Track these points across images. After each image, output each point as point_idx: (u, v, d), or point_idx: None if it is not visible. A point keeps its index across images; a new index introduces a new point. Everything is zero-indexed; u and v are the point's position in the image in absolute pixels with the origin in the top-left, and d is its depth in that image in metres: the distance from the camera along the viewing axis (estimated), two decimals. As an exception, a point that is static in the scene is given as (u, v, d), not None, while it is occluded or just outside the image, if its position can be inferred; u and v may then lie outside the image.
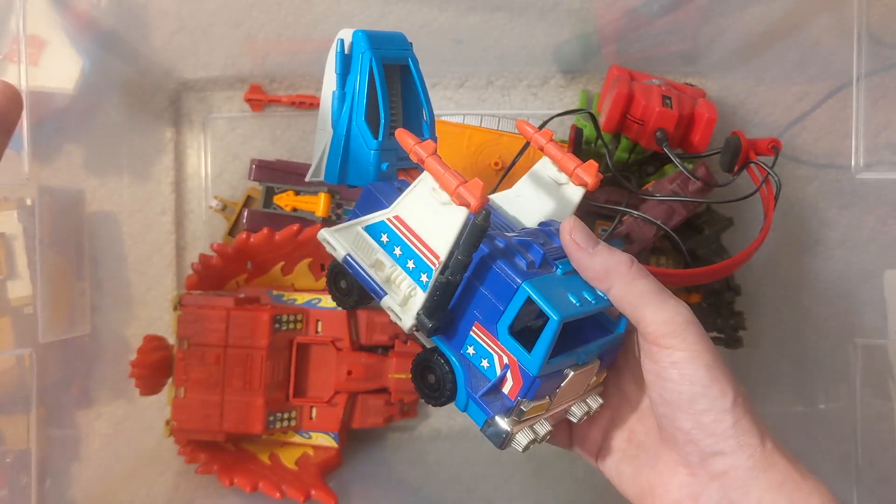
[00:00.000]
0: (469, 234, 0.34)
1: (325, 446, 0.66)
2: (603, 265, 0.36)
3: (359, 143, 0.42)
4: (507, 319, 0.35)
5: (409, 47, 0.44)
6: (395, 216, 0.38)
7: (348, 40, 0.42)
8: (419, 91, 0.44)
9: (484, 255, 0.36)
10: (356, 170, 0.43)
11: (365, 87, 0.41)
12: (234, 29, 0.65)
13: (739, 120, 0.69)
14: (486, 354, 0.36)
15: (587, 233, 0.38)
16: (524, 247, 0.37)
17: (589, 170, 0.41)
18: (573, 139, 0.62)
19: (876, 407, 0.56)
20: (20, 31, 0.51)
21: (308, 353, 0.66)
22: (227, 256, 0.64)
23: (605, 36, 0.67)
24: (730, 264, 0.55)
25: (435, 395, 0.38)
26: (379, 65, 0.41)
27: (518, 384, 0.35)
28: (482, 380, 0.37)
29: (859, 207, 0.61)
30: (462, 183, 0.34)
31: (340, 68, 0.42)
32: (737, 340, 0.67)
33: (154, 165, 0.74)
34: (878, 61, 0.52)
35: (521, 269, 0.36)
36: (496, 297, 0.36)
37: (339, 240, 0.40)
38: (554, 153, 0.42)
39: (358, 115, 0.42)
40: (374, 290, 0.39)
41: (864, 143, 0.52)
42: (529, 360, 0.35)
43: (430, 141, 0.36)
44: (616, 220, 0.62)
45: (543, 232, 0.40)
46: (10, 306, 0.55)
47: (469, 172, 0.64)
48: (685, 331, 0.35)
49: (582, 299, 0.36)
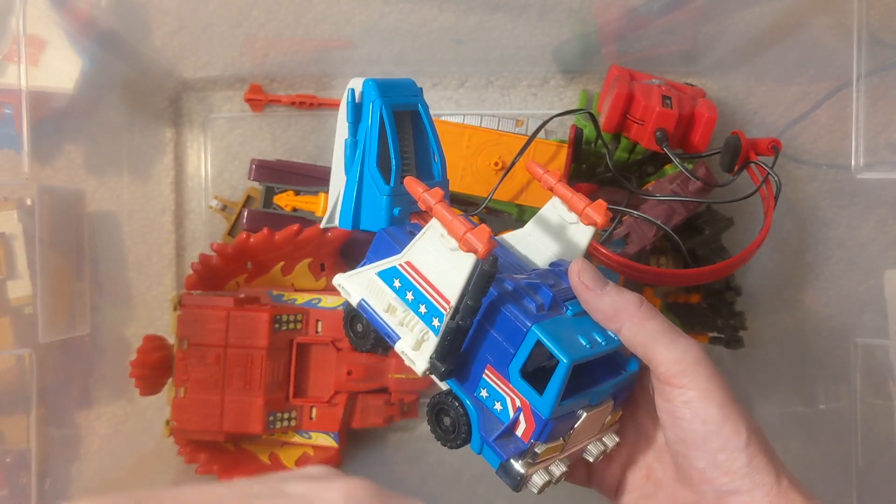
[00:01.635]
0: (477, 280, 0.34)
1: (325, 446, 0.66)
2: (612, 306, 0.37)
3: (371, 188, 0.43)
4: (518, 362, 0.36)
5: (419, 93, 0.45)
6: (407, 262, 0.38)
7: (359, 89, 0.43)
8: (429, 135, 0.45)
9: (494, 299, 0.36)
10: (369, 215, 0.44)
11: (376, 135, 0.42)
12: (234, 29, 0.65)
13: (739, 120, 0.69)
14: (499, 397, 0.37)
15: (596, 274, 0.38)
16: (533, 289, 0.38)
17: (598, 209, 0.41)
18: (573, 139, 0.62)
19: (876, 407, 0.56)
20: (20, 31, 0.51)
21: (308, 353, 0.66)
22: (227, 256, 0.64)
23: (605, 36, 0.67)
24: (730, 264, 0.55)
25: (451, 437, 0.39)
26: (389, 112, 0.42)
27: (531, 427, 0.36)
28: (496, 422, 0.37)
29: (859, 207, 0.61)
30: (469, 229, 0.34)
31: (352, 117, 0.44)
32: (737, 340, 0.67)
33: (154, 165, 0.74)
34: (878, 61, 0.52)
35: (530, 312, 0.36)
36: (507, 341, 0.36)
37: (354, 285, 0.41)
38: (563, 193, 0.42)
39: (370, 161, 0.43)
40: (388, 335, 0.40)
41: (864, 143, 0.52)
42: (541, 403, 0.35)
43: (438, 189, 0.37)
44: (616, 220, 0.62)
45: (554, 272, 0.40)
46: (10, 306, 0.55)
47: (469, 172, 0.64)
48: (696, 370, 0.35)
49: (592, 340, 0.36)
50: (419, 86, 0.45)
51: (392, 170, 0.42)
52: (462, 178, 0.64)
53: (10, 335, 0.54)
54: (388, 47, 0.69)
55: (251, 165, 0.68)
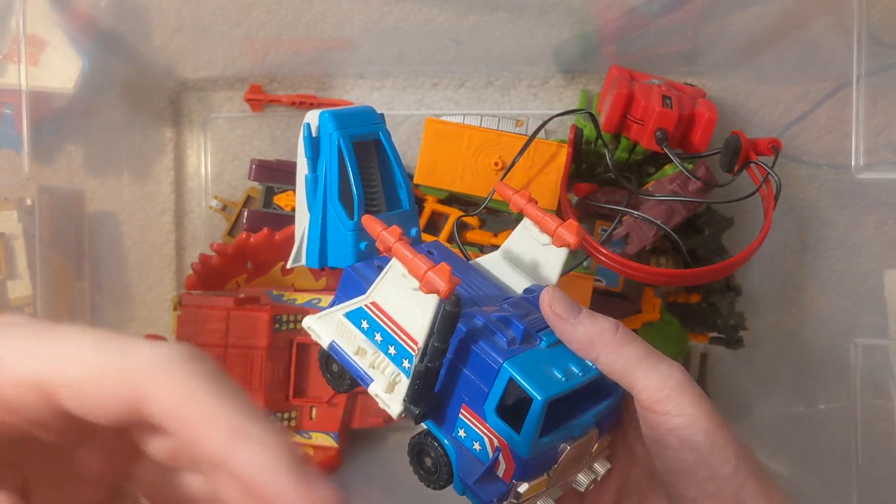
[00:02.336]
0: (441, 321, 0.33)
1: (325, 446, 0.66)
2: (587, 335, 0.35)
3: (335, 224, 0.42)
4: (492, 401, 0.34)
5: (379, 121, 0.44)
6: (373, 302, 0.37)
7: (315, 122, 0.42)
8: (393, 163, 0.44)
9: (463, 336, 0.35)
10: (336, 251, 0.42)
11: (336, 168, 0.41)
12: (234, 29, 0.65)
13: (739, 120, 0.69)
14: (477, 437, 0.35)
15: (568, 302, 0.36)
16: (504, 322, 0.36)
17: (570, 229, 0.39)
18: (573, 139, 0.62)
19: (876, 407, 0.56)
20: (20, 31, 0.51)
21: (308, 353, 0.66)
22: (227, 256, 0.64)
23: (605, 36, 0.67)
24: (730, 264, 0.55)
25: (433, 478, 0.37)
26: (348, 143, 0.41)
27: (511, 467, 0.34)
28: (476, 463, 0.35)
29: (859, 207, 0.61)
30: (430, 269, 0.33)
31: (310, 152, 0.42)
32: (737, 340, 0.67)
33: (154, 165, 0.74)
34: (878, 61, 0.52)
35: (501, 348, 0.35)
36: (479, 379, 0.35)
37: (323, 327, 0.40)
38: (534, 214, 0.41)
39: (332, 196, 0.41)
40: (361, 377, 0.38)
41: (864, 143, 0.52)
42: (519, 442, 0.33)
43: (396, 227, 0.35)
44: (616, 220, 0.62)
45: (527, 300, 0.39)
46: (10, 306, 0.55)
47: (469, 172, 0.64)
48: (680, 395, 0.34)
49: (568, 372, 0.35)
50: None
51: (355, 203, 0.41)
52: (462, 178, 0.64)
53: (10, 335, 0.54)
54: (388, 47, 0.69)
55: (251, 165, 0.68)
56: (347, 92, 0.74)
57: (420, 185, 0.64)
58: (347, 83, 0.73)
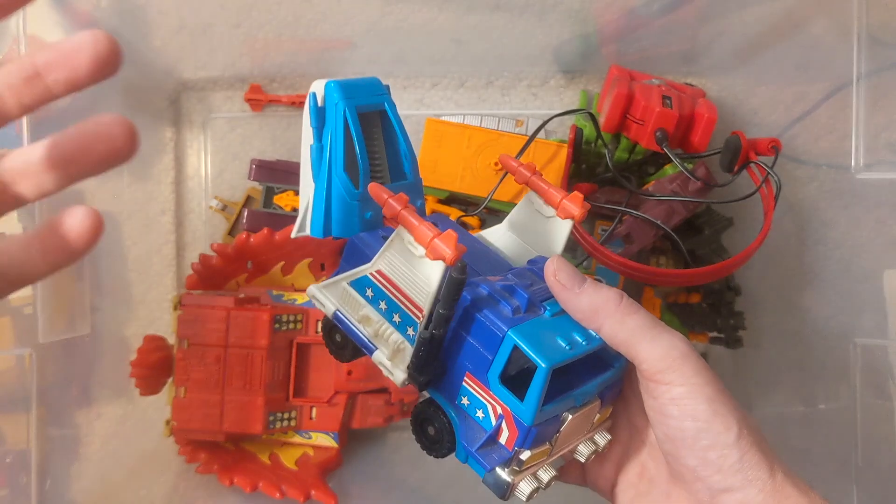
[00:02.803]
0: (447, 288, 0.33)
1: (325, 446, 0.66)
2: (591, 304, 0.35)
3: (340, 194, 0.41)
4: (496, 369, 0.35)
5: (384, 91, 0.43)
6: (378, 270, 0.37)
7: (321, 93, 0.42)
8: (398, 135, 0.43)
9: (468, 305, 0.35)
10: (340, 221, 0.42)
11: (341, 138, 0.41)
12: (234, 29, 0.65)
13: (739, 120, 0.69)
14: (480, 405, 0.36)
15: (572, 272, 0.36)
16: (509, 291, 0.37)
17: (574, 201, 0.40)
18: (573, 139, 0.62)
19: (876, 407, 0.56)
20: (20, 31, 0.51)
21: (308, 353, 0.66)
22: (227, 256, 0.64)
23: (605, 36, 0.67)
24: (730, 264, 0.55)
25: (435, 446, 0.38)
26: (353, 114, 0.41)
27: (514, 434, 0.35)
28: (479, 431, 0.36)
29: (859, 207, 0.61)
30: (437, 235, 0.33)
31: (315, 121, 0.42)
32: (737, 340, 0.67)
33: (154, 165, 0.74)
34: (878, 61, 0.52)
35: (506, 316, 0.35)
36: (484, 347, 0.35)
37: (328, 296, 0.40)
38: (539, 186, 0.41)
39: (337, 166, 0.41)
40: (365, 345, 0.39)
41: (864, 143, 0.52)
42: (523, 410, 0.34)
43: (402, 194, 0.36)
44: (616, 220, 0.62)
45: (531, 271, 0.39)
46: (10, 306, 0.55)
47: (469, 172, 0.64)
48: (683, 365, 0.34)
49: (572, 341, 0.35)
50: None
51: (360, 173, 0.41)
52: (462, 178, 0.64)
53: (10, 335, 0.54)
54: (388, 47, 0.69)
55: (251, 165, 0.68)
56: (347, 92, 0.74)
57: (420, 185, 0.64)
58: (347, 83, 0.73)
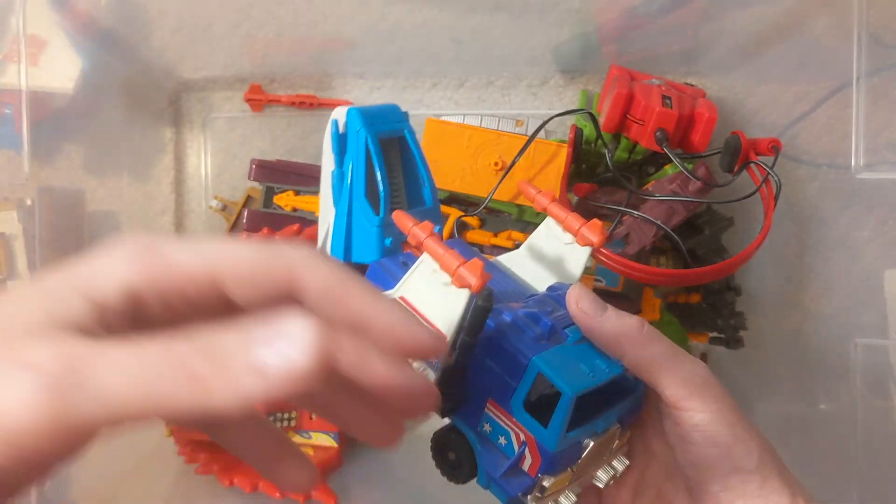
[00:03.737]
0: (472, 316, 0.33)
1: (325, 446, 0.66)
2: (613, 332, 0.36)
3: (361, 220, 0.42)
4: (520, 396, 0.35)
5: (403, 119, 0.44)
6: (401, 297, 0.37)
7: (342, 119, 0.42)
8: (417, 161, 0.44)
9: (492, 331, 0.36)
10: (361, 247, 0.43)
11: (362, 165, 0.41)
12: (234, 29, 0.65)
13: (739, 120, 0.69)
14: (503, 431, 0.36)
15: (594, 300, 0.37)
16: (532, 318, 0.37)
17: (593, 229, 0.40)
18: (573, 139, 0.62)
19: (876, 407, 0.56)
20: (20, 31, 0.51)
21: (308, 353, 0.66)
22: (227, 256, 0.64)
23: (605, 36, 0.67)
24: (730, 264, 0.55)
25: (456, 472, 0.38)
26: (375, 141, 0.41)
27: (537, 461, 0.35)
28: (501, 457, 0.36)
29: (859, 207, 0.61)
30: (462, 263, 0.34)
31: (337, 148, 0.43)
32: (737, 340, 0.67)
33: (154, 165, 0.74)
34: (878, 61, 0.52)
35: (529, 343, 0.35)
36: (508, 374, 0.35)
37: None
38: (557, 213, 0.42)
39: (357, 192, 0.42)
40: None
41: (864, 143, 0.52)
42: (546, 436, 0.34)
43: (428, 222, 0.36)
44: (616, 220, 0.62)
45: (552, 298, 0.40)
46: (10, 306, 0.54)
47: (469, 172, 0.64)
48: (704, 392, 0.34)
49: (594, 368, 0.35)
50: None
51: (381, 199, 0.41)
52: (462, 178, 0.64)
53: (10, 335, 0.54)
54: (388, 47, 0.69)
55: (251, 165, 0.68)
56: (348, 92, 0.74)
57: (420, 185, 0.65)
58: (347, 83, 0.73)
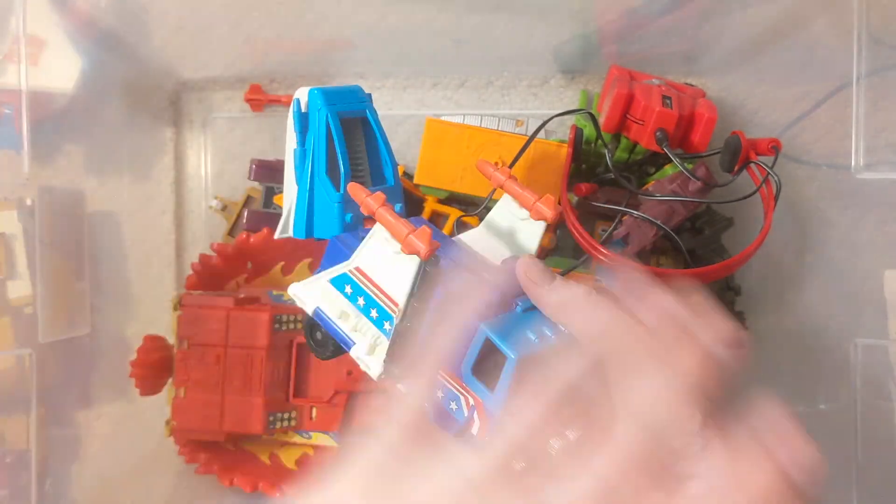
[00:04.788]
0: (422, 282, 0.35)
1: (325, 446, 0.66)
2: (559, 300, 0.37)
3: (322, 196, 0.44)
4: (469, 361, 0.36)
5: (366, 99, 0.46)
6: (356, 267, 0.39)
7: (304, 99, 0.44)
8: (379, 140, 0.46)
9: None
10: (322, 223, 0.44)
11: (323, 142, 0.43)
12: (234, 29, 0.65)
13: (739, 120, 0.69)
14: (454, 397, 0.37)
15: (542, 269, 0.38)
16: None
17: (547, 203, 0.42)
18: (573, 139, 0.62)
19: (876, 407, 0.56)
20: (20, 31, 0.51)
21: (308, 353, 0.66)
22: (227, 256, 0.64)
23: (605, 36, 0.67)
24: (730, 264, 0.55)
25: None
26: (335, 119, 0.43)
27: (485, 425, 0.36)
28: (452, 422, 0.37)
29: (859, 207, 0.61)
30: (412, 231, 0.35)
31: (299, 126, 0.44)
32: (737, 340, 0.67)
33: (154, 165, 0.74)
34: (878, 61, 0.52)
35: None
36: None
37: (308, 293, 0.41)
38: (512, 189, 0.43)
39: (319, 169, 0.43)
40: (344, 341, 0.40)
41: (864, 143, 0.52)
42: (493, 400, 0.35)
43: (380, 193, 0.37)
44: (616, 220, 0.62)
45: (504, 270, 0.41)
46: (10, 306, 0.55)
47: (469, 172, 0.64)
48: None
49: (541, 335, 0.36)
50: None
51: (341, 176, 0.42)
52: (462, 178, 0.64)
53: (10, 335, 0.54)
54: (388, 47, 0.69)
55: (251, 165, 0.68)
56: (347, 92, 0.74)
57: (420, 185, 0.64)
58: (347, 83, 0.73)
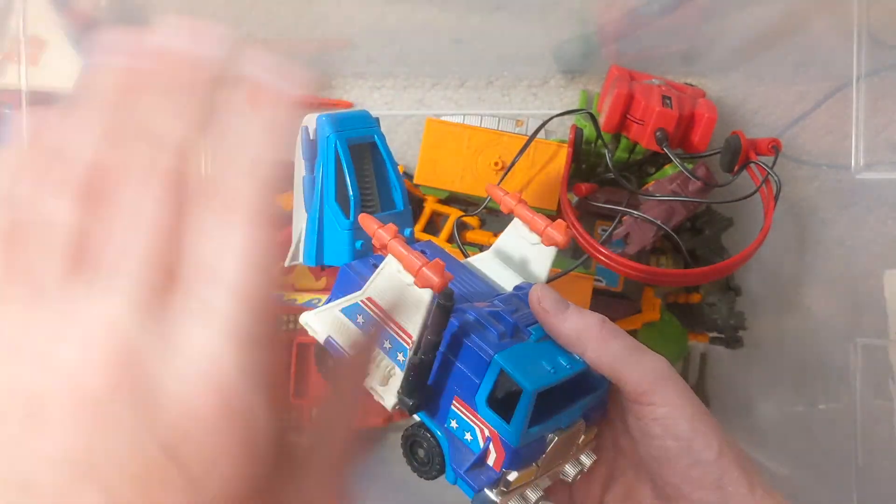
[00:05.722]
0: (435, 315, 0.34)
1: (325, 446, 0.66)
2: (574, 329, 0.37)
3: (332, 224, 0.43)
4: (483, 392, 0.36)
5: (374, 124, 0.45)
6: (368, 297, 0.38)
7: (312, 126, 0.43)
8: (388, 166, 0.45)
9: (456, 330, 0.36)
10: (332, 250, 0.44)
11: (332, 170, 0.42)
12: (235, 29, 0.65)
13: (739, 120, 0.69)
14: (468, 427, 0.37)
15: (555, 298, 0.38)
16: (495, 317, 0.38)
17: (558, 228, 0.41)
18: (573, 139, 0.62)
19: (876, 407, 0.56)
20: (20, 31, 0.51)
21: (308, 354, 0.66)
22: (227, 256, 0.64)
23: (605, 36, 0.67)
24: (730, 264, 0.55)
25: (426, 469, 0.39)
26: (344, 146, 0.42)
27: (501, 456, 0.36)
28: (467, 453, 0.37)
29: (859, 207, 0.61)
30: (424, 264, 0.34)
31: (307, 153, 0.43)
32: (737, 340, 0.67)
33: (154, 165, 0.74)
34: (878, 61, 0.52)
35: (493, 341, 0.36)
36: (471, 371, 0.36)
37: (320, 323, 0.41)
38: (523, 214, 0.42)
39: (328, 196, 0.42)
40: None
41: (864, 143, 0.52)
42: (509, 432, 0.35)
43: (392, 224, 0.37)
44: (616, 220, 0.62)
45: (517, 297, 0.41)
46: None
47: (469, 172, 0.64)
48: (664, 387, 0.36)
49: (556, 365, 0.36)
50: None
51: (351, 203, 0.42)
52: (462, 178, 0.64)
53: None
54: (388, 47, 0.69)
55: (251, 165, 0.68)
56: (347, 92, 0.74)
57: (420, 185, 0.64)
58: (347, 83, 0.73)
